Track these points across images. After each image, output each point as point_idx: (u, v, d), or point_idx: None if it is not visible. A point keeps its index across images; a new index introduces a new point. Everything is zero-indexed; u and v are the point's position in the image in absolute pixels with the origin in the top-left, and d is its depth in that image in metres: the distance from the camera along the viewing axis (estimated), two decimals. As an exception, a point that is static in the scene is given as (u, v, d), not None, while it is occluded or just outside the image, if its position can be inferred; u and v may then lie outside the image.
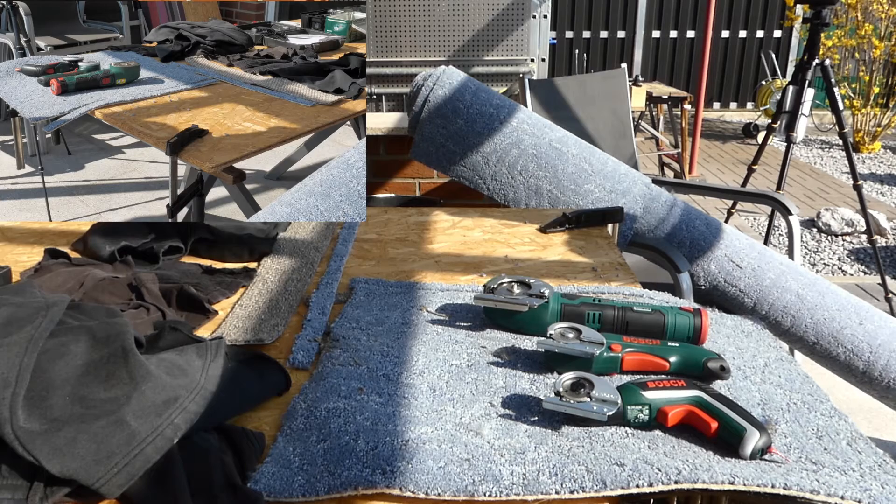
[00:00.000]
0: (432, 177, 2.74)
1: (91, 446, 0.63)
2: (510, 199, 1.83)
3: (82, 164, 2.60)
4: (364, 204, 1.33)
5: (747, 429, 0.71)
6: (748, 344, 0.96)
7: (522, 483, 0.66)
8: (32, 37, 2.68)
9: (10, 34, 2.56)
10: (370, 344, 0.94)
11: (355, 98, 1.97)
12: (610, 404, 0.74)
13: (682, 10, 8.14)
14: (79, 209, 2.29)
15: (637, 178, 1.86)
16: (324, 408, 0.77)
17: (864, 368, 1.57)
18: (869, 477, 0.67)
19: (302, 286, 1.13)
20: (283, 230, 1.36)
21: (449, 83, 1.85)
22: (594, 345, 0.85)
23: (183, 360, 0.76)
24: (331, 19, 2.77)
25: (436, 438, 0.73)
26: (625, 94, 3.03)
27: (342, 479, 0.66)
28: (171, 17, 3.24)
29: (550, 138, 1.84)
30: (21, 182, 2.51)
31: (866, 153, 6.62)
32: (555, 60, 8.01)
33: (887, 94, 6.86)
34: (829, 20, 3.02)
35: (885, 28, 6.46)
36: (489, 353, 0.93)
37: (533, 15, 2.93)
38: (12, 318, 0.72)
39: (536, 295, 0.97)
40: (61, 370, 0.68)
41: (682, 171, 5.13)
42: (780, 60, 7.96)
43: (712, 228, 1.79)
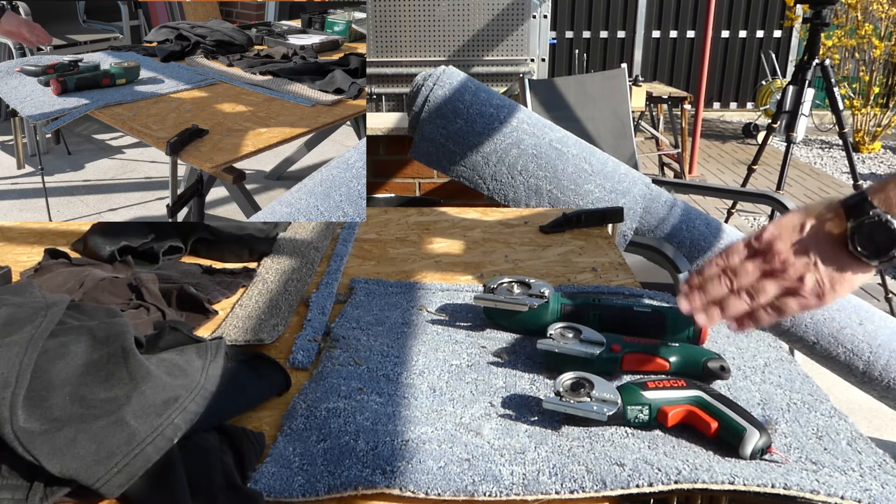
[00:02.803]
0: (432, 177, 2.74)
1: (91, 446, 0.63)
2: (510, 199, 1.83)
3: (82, 164, 2.60)
4: (364, 204, 1.33)
5: (747, 429, 0.71)
6: (748, 344, 0.96)
7: (522, 483, 0.66)
8: (32, 37, 2.67)
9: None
10: (370, 344, 0.94)
11: (355, 98, 1.97)
12: (610, 404, 0.74)
13: (682, 10, 8.14)
14: (79, 209, 2.29)
15: (637, 178, 1.86)
16: (324, 408, 0.77)
17: (864, 368, 1.56)
18: (869, 477, 0.67)
19: (302, 286, 1.13)
20: (283, 230, 1.36)
21: (449, 83, 1.85)
22: (594, 345, 0.85)
23: (183, 360, 0.76)
24: (331, 19, 2.77)
25: (436, 438, 0.73)
26: (625, 94, 3.03)
27: (342, 479, 0.66)
28: (171, 17, 3.24)
29: (550, 138, 1.84)
30: (21, 182, 2.51)
31: (866, 153, 6.62)
32: (555, 60, 8.01)
33: (887, 94, 6.86)
34: (829, 20, 3.03)
35: (885, 28, 6.46)
36: (489, 353, 0.93)
37: (533, 15, 2.93)
38: (12, 318, 0.72)
39: (536, 295, 0.97)
40: (61, 370, 0.68)
41: (682, 171, 5.13)
42: (780, 60, 7.96)
43: (712, 228, 1.79)
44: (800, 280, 0.71)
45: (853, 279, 0.70)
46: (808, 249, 0.71)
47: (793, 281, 0.71)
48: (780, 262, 0.71)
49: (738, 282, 0.74)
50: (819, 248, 0.71)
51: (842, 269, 0.70)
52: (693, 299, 0.75)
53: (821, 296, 0.70)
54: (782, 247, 0.72)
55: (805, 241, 0.71)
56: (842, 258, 0.70)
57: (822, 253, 0.70)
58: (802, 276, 0.71)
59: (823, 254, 0.70)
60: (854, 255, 0.69)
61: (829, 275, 0.70)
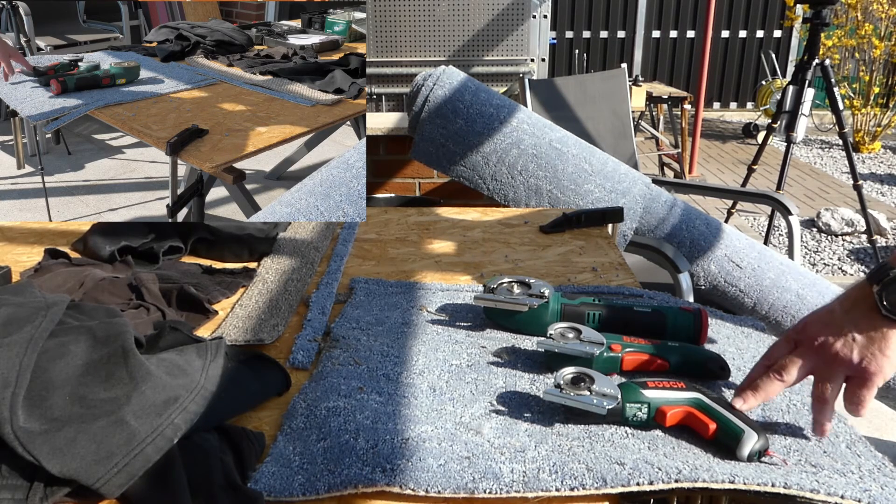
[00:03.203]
0: (432, 177, 2.74)
1: (91, 446, 0.63)
2: (510, 199, 1.84)
3: (82, 164, 2.60)
4: (364, 204, 1.34)
5: (745, 431, 0.71)
6: (748, 344, 0.96)
7: (522, 480, 0.66)
8: (32, 37, 2.68)
9: (10, 34, 2.56)
10: (370, 344, 0.94)
11: (355, 98, 1.97)
12: (609, 398, 0.74)
13: (682, 10, 8.14)
14: (79, 209, 2.29)
15: (637, 178, 1.86)
16: (324, 407, 0.77)
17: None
18: (868, 479, 0.67)
19: (302, 286, 1.13)
20: (283, 230, 1.36)
21: (449, 83, 1.85)
22: (594, 345, 0.85)
23: (183, 360, 0.76)
24: (331, 19, 2.77)
25: (436, 437, 0.73)
26: (625, 94, 3.03)
27: (342, 478, 0.66)
28: (171, 17, 3.24)
29: (550, 138, 1.84)
30: (21, 182, 2.51)
31: (866, 153, 6.62)
32: (555, 60, 8.01)
33: (887, 94, 6.86)
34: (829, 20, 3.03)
35: (885, 28, 6.46)
36: (489, 353, 0.93)
37: (533, 15, 2.94)
38: (12, 318, 0.72)
39: (536, 295, 0.97)
40: (61, 370, 0.68)
41: (682, 171, 5.14)
42: (780, 60, 7.96)
43: (712, 228, 1.79)
44: (842, 359, 0.72)
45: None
46: (843, 326, 0.72)
47: (837, 362, 0.72)
48: (819, 344, 0.73)
49: (786, 376, 0.76)
50: (854, 321, 0.72)
51: (881, 332, 0.71)
52: (749, 400, 0.77)
53: (869, 363, 0.71)
54: (815, 330, 0.74)
55: (839, 320, 0.73)
56: (877, 322, 0.71)
57: (858, 325, 0.72)
58: (846, 355, 0.72)
59: (859, 325, 0.71)
60: (888, 316, 0.70)
61: (871, 339, 0.71)
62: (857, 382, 0.72)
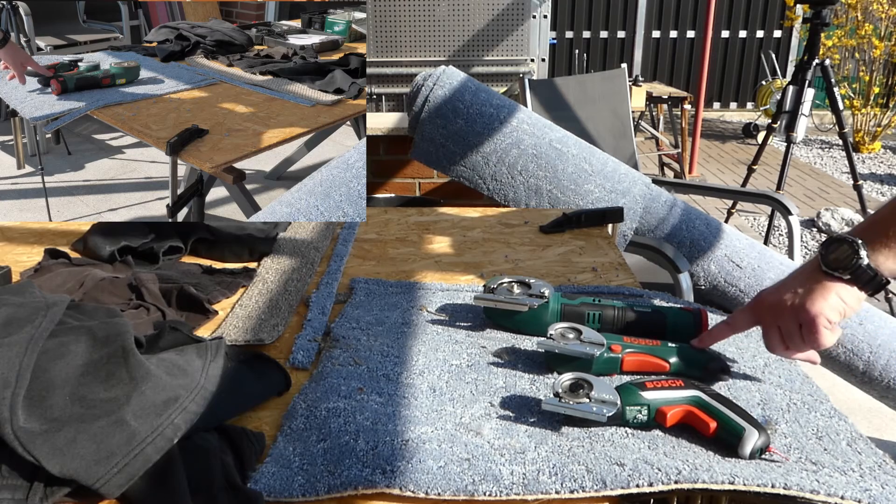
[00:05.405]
0: (432, 177, 2.74)
1: (91, 446, 0.63)
2: (510, 199, 1.83)
3: (82, 164, 2.60)
4: (364, 204, 1.33)
5: (746, 428, 0.71)
6: (748, 344, 0.96)
7: (522, 483, 0.66)
8: (32, 37, 2.68)
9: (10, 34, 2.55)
10: (370, 344, 0.94)
11: (355, 98, 1.97)
12: (609, 405, 0.74)
13: (682, 10, 8.14)
14: (79, 209, 2.29)
15: (637, 178, 1.86)
16: (324, 408, 0.77)
17: (864, 368, 1.57)
18: (869, 477, 0.67)
19: (302, 286, 1.13)
20: (283, 230, 1.36)
21: (449, 83, 1.85)
22: (594, 345, 0.85)
23: (183, 360, 0.76)
24: (331, 19, 2.77)
25: (436, 438, 0.73)
26: (625, 94, 3.03)
27: (342, 479, 0.66)
28: (171, 17, 3.24)
29: (550, 138, 1.84)
30: (21, 182, 2.51)
31: (866, 153, 6.62)
32: (555, 60, 8.00)
33: (887, 94, 6.86)
34: (829, 20, 3.03)
35: (885, 28, 6.46)
36: (489, 353, 0.93)
37: (533, 15, 2.93)
38: (12, 318, 0.72)
39: (536, 295, 0.97)
40: (61, 370, 0.68)
41: (682, 171, 5.13)
42: (780, 60, 7.96)
43: (712, 228, 1.79)
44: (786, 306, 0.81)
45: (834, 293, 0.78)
46: (791, 286, 0.81)
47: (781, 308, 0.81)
48: (769, 303, 0.82)
49: (735, 323, 0.87)
50: (799, 280, 0.81)
51: (822, 283, 0.79)
52: (703, 341, 0.89)
53: (810, 304, 0.78)
54: (767, 293, 0.84)
55: (788, 283, 0.82)
56: (818, 276, 0.79)
57: (802, 282, 0.80)
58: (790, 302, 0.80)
59: (803, 282, 0.80)
60: (827, 271, 0.79)
61: (811, 289, 0.79)
62: (806, 328, 0.79)
